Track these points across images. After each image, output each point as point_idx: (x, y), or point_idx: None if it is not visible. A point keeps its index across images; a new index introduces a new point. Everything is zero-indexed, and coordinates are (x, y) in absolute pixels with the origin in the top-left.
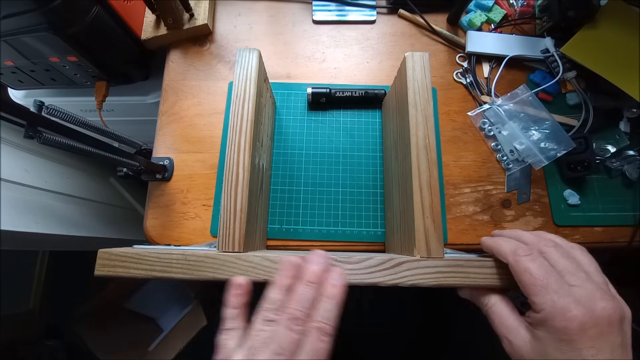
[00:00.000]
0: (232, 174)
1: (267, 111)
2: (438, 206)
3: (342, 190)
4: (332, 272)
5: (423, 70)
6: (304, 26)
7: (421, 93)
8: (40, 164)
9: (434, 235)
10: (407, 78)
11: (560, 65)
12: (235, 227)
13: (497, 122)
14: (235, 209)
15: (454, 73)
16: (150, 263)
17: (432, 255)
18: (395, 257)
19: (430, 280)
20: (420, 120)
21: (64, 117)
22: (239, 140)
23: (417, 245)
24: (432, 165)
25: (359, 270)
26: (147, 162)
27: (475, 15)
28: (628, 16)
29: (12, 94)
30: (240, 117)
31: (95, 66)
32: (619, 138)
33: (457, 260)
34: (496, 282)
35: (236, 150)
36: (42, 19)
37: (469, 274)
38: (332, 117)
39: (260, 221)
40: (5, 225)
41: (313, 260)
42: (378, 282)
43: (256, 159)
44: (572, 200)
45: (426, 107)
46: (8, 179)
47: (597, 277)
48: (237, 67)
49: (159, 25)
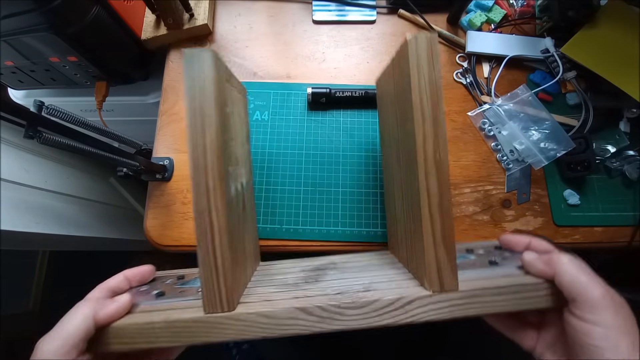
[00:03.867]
0: (204, 223)
1: (237, 116)
2: (452, 232)
3: (342, 190)
4: None
5: (431, 60)
6: (304, 26)
7: (429, 93)
8: (40, 164)
9: (448, 266)
10: (411, 71)
11: (560, 65)
12: (220, 284)
13: (497, 122)
14: (217, 264)
15: (454, 73)
16: (131, 337)
17: (445, 289)
18: (405, 296)
19: (443, 315)
20: (429, 131)
21: (64, 117)
22: (205, 181)
23: (428, 278)
24: (443, 187)
25: (367, 314)
26: (147, 162)
27: (475, 15)
28: (628, 16)
29: (12, 94)
30: (202, 151)
31: (95, 66)
32: (619, 138)
33: (474, 291)
34: (517, 307)
35: (204, 193)
36: (42, 19)
37: (485, 304)
38: (332, 117)
39: (247, 240)
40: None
41: None
42: (388, 325)
43: (231, 188)
44: (572, 200)
45: (436, 112)
46: (8, 179)
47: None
48: (187, 80)
49: (159, 25)
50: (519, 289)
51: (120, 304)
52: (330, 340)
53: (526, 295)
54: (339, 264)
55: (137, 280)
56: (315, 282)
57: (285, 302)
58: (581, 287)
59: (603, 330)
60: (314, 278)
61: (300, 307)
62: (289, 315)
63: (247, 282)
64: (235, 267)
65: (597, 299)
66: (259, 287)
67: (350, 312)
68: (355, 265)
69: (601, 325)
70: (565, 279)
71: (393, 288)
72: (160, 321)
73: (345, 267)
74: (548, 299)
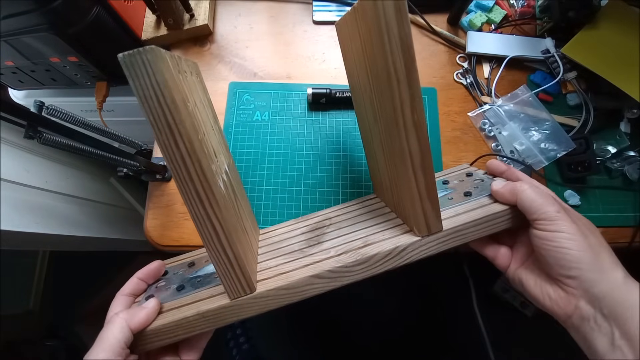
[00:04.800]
0: (207, 230)
1: (199, 103)
2: (434, 185)
3: (342, 191)
4: None
5: (400, 17)
6: (304, 26)
7: (402, 55)
8: (40, 164)
9: (433, 214)
10: (381, 32)
11: (560, 65)
12: (237, 274)
13: (497, 122)
14: (229, 260)
15: (454, 73)
16: (172, 331)
17: (432, 232)
18: (399, 245)
19: (433, 252)
20: (405, 95)
21: (64, 117)
22: (196, 192)
23: (417, 227)
24: (423, 146)
25: (370, 266)
26: (147, 163)
27: (475, 15)
28: (628, 16)
29: (13, 94)
30: (183, 167)
31: (96, 66)
32: (619, 139)
33: (455, 227)
34: (490, 231)
35: (198, 204)
36: (42, 19)
37: (465, 235)
38: (332, 118)
39: (245, 218)
40: (5, 225)
41: None
42: (389, 269)
43: (220, 185)
44: (572, 201)
45: (410, 73)
46: (8, 179)
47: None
48: (138, 92)
49: (159, 25)
50: (491, 217)
51: (149, 309)
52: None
53: (496, 221)
54: (333, 218)
55: (152, 277)
56: (318, 243)
57: (299, 271)
58: (538, 207)
59: (565, 235)
60: (315, 240)
61: (313, 275)
62: (305, 283)
63: (256, 257)
64: (244, 253)
65: (552, 213)
66: (269, 259)
67: (356, 268)
68: (349, 217)
69: (563, 231)
70: (526, 204)
71: (387, 238)
72: (193, 314)
73: (340, 220)
74: (514, 220)
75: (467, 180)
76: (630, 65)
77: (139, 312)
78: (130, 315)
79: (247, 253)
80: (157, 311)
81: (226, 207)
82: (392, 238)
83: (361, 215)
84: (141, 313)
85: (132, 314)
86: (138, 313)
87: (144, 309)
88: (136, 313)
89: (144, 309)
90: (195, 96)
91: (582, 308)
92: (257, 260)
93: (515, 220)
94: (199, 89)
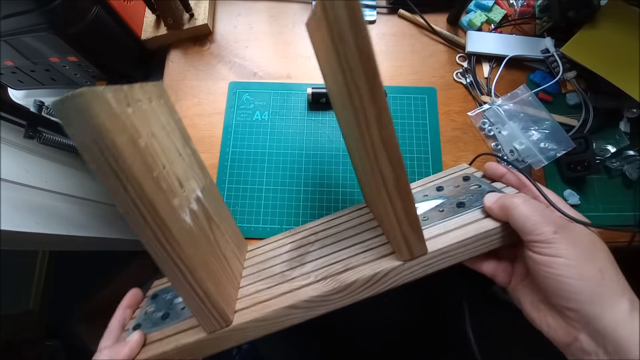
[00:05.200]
0: (172, 271)
1: (159, 132)
2: (413, 207)
3: (342, 191)
4: None
5: (354, 23)
6: (304, 26)
7: (361, 68)
8: (40, 164)
9: (414, 237)
10: (335, 44)
11: (560, 65)
12: (210, 310)
13: (497, 122)
14: (200, 297)
15: (454, 73)
16: None
17: (415, 256)
18: (380, 271)
19: (417, 275)
20: (371, 112)
21: None
22: (155, 237)
23: (398, 251)
24: (396, 166)
25: (349, 294)
26: None
27: (475, 15)
28: (628, 16)
29: (12, 94)
30: (135, 210)
31: (95, 66)
32: (619, 138)
33: (441, 249)
34: (480, 251)
35: (159, 248)
36: (42, 19)
37: (452, 257)
38: (332, 117)
39: (225, 242)
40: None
41: None
42: (370, 296)
43: (186, 219)
44: (572, 201)
45: (373, 87)
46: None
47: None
48: (76, 139)
49: (159, 25)
50: (482, 236)
51: (132, 344)
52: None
53: (489, 239)
54: (320, 233)
55: (135, 303)
56: (300, 265)
57: (276, 301)
58: (532, 227)
59: (564, 260)
60: (298, 261)
61: (289, 305)
62: (282, 314)
63: (238, 281)
64: (219, 286)
65: (549, 235)
66: (251, 284)
67: (334, 297)
68: (335, 232)
69: (561, 256)
70: (519, 223)
71: (369, 262)
72: (172, 348)
73: (326, 236)
74: (510, 238)
75: (463, 185)
76: (630, 65)
77: (123, 349)
78: (115, 352)
79: (222, 284)
80: (140, 345)
81: (192, 243)
82: (373, 262)
83: (348, 230)
84: (124, 350)
85: (116, 350)
86: (121, 350)
87: (127, 344)
88: (120, 350)
89: (127, 345)
90: (153, 125)
91: (583, 341)
92: (239, 285)
93: (511, 238)
94: (161, 113)
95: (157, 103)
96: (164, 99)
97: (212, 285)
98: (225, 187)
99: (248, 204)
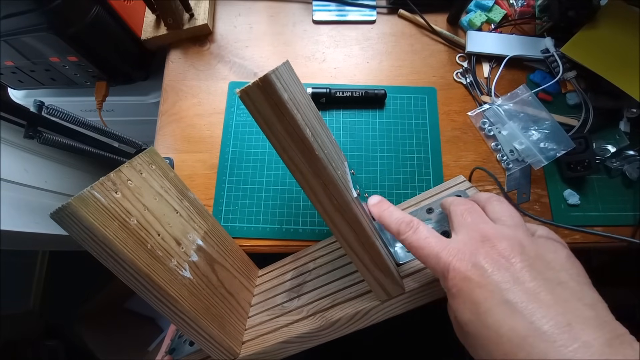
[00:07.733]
0: (177, 321)
1: (152, 203)
2: (379, 255)
3: None
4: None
5: (278, 110)
6: (304, 26)
7: (295, 147)
8: (40, 164)
9: (388, 281)
10: (265, 131)
11: (560, 65)
12: (217, 347)
13: (497, 122)
14: (206, 339)
15: (454, 73)
16: None
17: (392, 296)
18: (362, 309)
19: (398, 311)
20: (316, 185)
21: (64, 117)
22: (155, 298)
23: (376, 293)
24: (354, 225)
25: (336, 329)
26: None
27: (475, 15)
28: (628, 16)
29: (12, 94)
30: (136, 282)
31: (95, 66)
32: (619, 138)
33: (420, 287)
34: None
35: (162, 305)
36: (42, 19)
37: (433, 292)
38: (332, 117)
39: (230, 278)
40: (5, 225)
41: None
42: (355, 331)
43: (185, 273)
44: (572, 200)
45: (313, 163)
46: (8, 179)
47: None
48: (75, 238)
49: (159, 25)
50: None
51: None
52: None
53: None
54: (318, 259)
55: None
56: (298, 296)
57: (273, 335)
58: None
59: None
60: (296, 292)
61: (283, 341)
62: (278, 348)
63: (247, 311)
64: (224, 326)
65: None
66: (257, 314)
67: (322, 333)
68: (330, 259)
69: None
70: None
71: (353, 299)
72: None
73: (322, 264)
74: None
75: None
76: (630, 65)
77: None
78: None
79: (228, 322)
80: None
81: (193, 295)
82: (356, 300)
83: (340, 258)
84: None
85: None
86: None
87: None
88: None
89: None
90: (145, 198)
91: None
92: (247, 315)
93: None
94: (154, 179)
95: (148, 172)
96: (155, 164)
97: (216, 328)
98: (225, 187)
99: (248, 204)
